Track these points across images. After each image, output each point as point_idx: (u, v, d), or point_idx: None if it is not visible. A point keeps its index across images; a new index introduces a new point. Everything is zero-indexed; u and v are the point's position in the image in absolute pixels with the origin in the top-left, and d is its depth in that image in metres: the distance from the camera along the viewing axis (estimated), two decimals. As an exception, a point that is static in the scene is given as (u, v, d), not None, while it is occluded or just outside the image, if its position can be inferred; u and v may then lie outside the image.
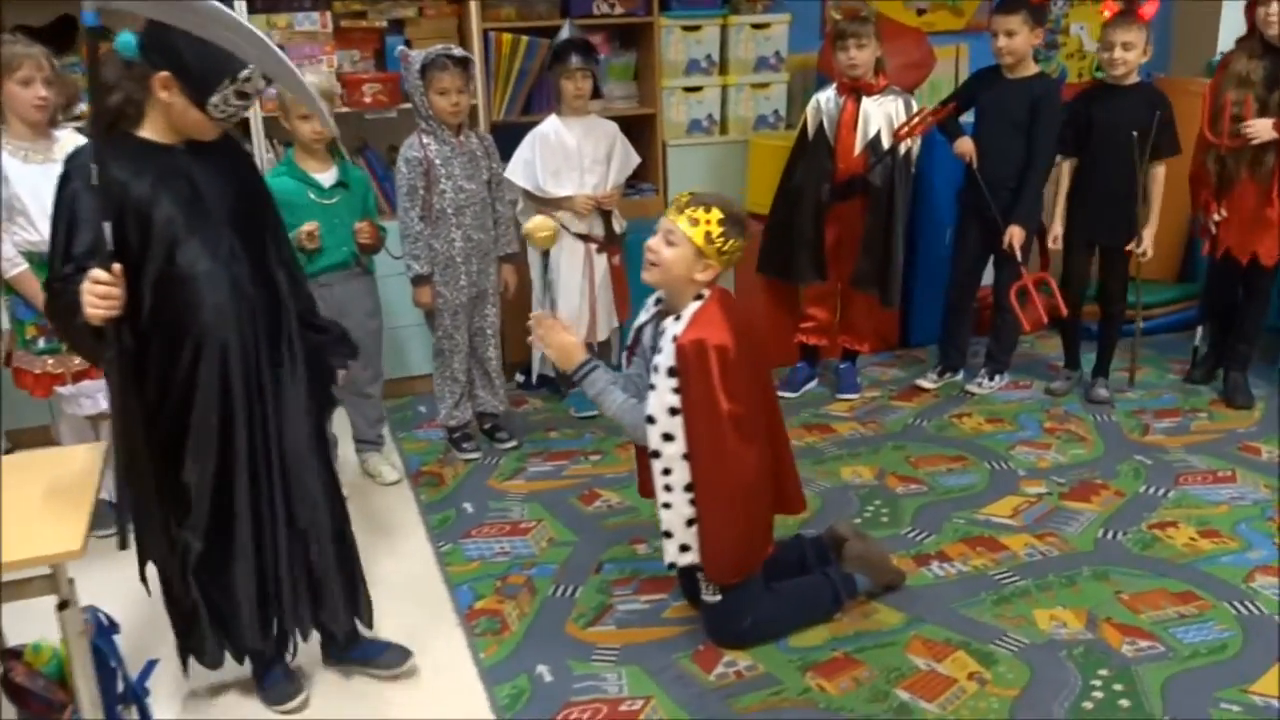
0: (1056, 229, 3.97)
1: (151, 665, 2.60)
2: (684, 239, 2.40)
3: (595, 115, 3.85)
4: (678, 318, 2.44)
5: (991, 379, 4.15)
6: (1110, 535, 3.05)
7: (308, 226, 3.14)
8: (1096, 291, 4.03)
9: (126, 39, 2.10)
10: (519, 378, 4.28)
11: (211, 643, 2.41)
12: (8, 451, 3.77)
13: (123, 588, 2.37)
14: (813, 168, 3.96)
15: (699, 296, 2.45)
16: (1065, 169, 3.95)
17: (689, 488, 2.45)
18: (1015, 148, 3.83)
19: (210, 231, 2.21)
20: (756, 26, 4.47)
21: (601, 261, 3.88)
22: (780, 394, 4.15)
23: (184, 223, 2.17)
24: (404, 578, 2.97)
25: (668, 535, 2.50)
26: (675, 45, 4.37)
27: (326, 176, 3.26)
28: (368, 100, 4.00)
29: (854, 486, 3.41)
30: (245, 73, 2.10)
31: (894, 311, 4.26)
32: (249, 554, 2.33)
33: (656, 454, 2.45)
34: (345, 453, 3.59)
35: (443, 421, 3.75)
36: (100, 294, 1.97)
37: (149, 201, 2.13)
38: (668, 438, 2.43)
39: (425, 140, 3.46)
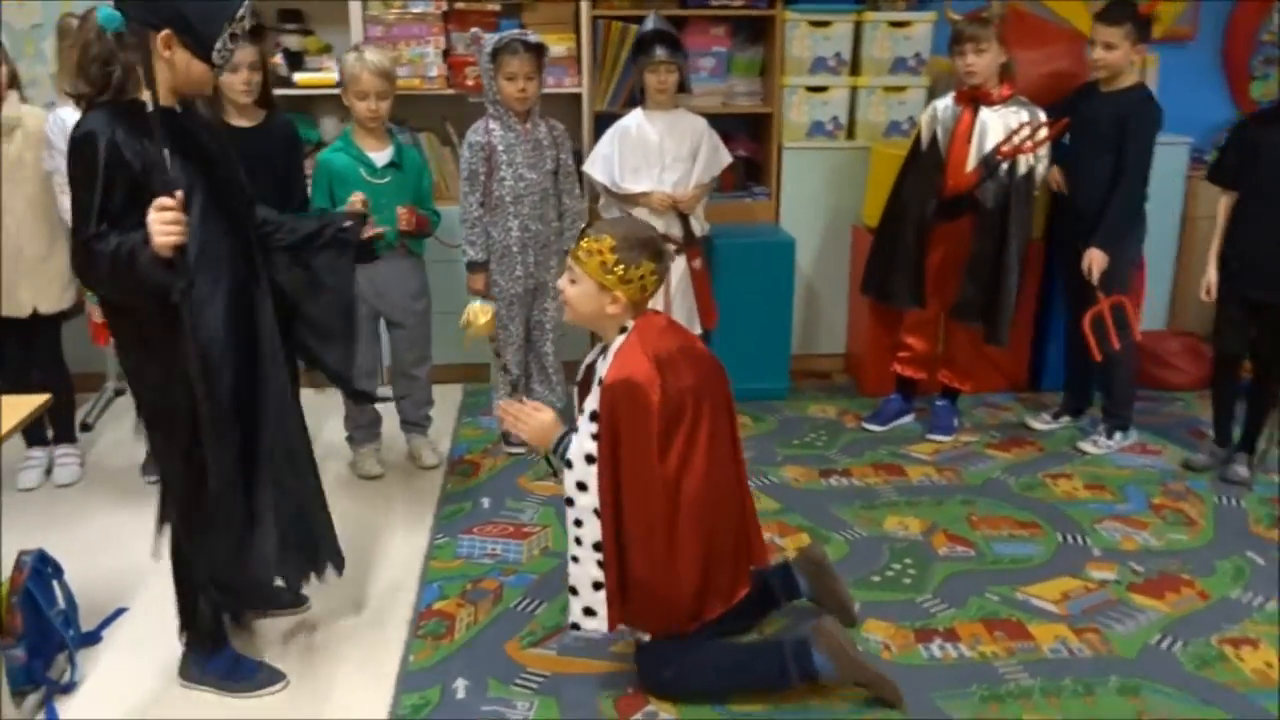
0: (1211, 275, 3.38)
1: (118, 613, 2.72)
2: (582, 275, 2.23)
3: (683, 110, 3.65)
4: (605, 356, 2.27)
5: (1110, 437, 3.62)
6: (1165, 644, 2.56)
7: (356, 196, 3.15)
8: (1250, 352, 3.41)
9: (109, 13, 2.07)
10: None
11: (208, 620, 2.39)
12: (117, 394, 4.09)
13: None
14: (920, 182, 3.60)
15: (624, 329, 2.26)
16: (1223, 205, 3.37)
17: (598, 546, 2.24)
18: (1104, 166, 3.36)
19: (211, 188, 2.19)
20: (895, 25, 4.10)
21: (680, 263, 3.68)
22: (867, 426, 3.84)
23: (188, 182, 2.18)
24: (385, 566, 2.93)
25: (573, 592, 2.30)
26: (801, 41, 4.08)
27: (380, 156, 3.27)
28: (469, 83, 4.00)
29: (892, 539, 3.06)
30: (241, 11, 2.07)
31: (1002, 348, 3.72)
32: (269, 490, 2.27)
33: (570, 501, 2.26)
34: (391, 432, 3.61)
35: (495, 412, 3.70)
36: (169, 220, 1.97)
37: (163, 163, 2.08)
38: (581, 487, 2.24)
39: (491, 125, 3.40)
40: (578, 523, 2.25)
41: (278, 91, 3.85)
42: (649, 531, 2.23)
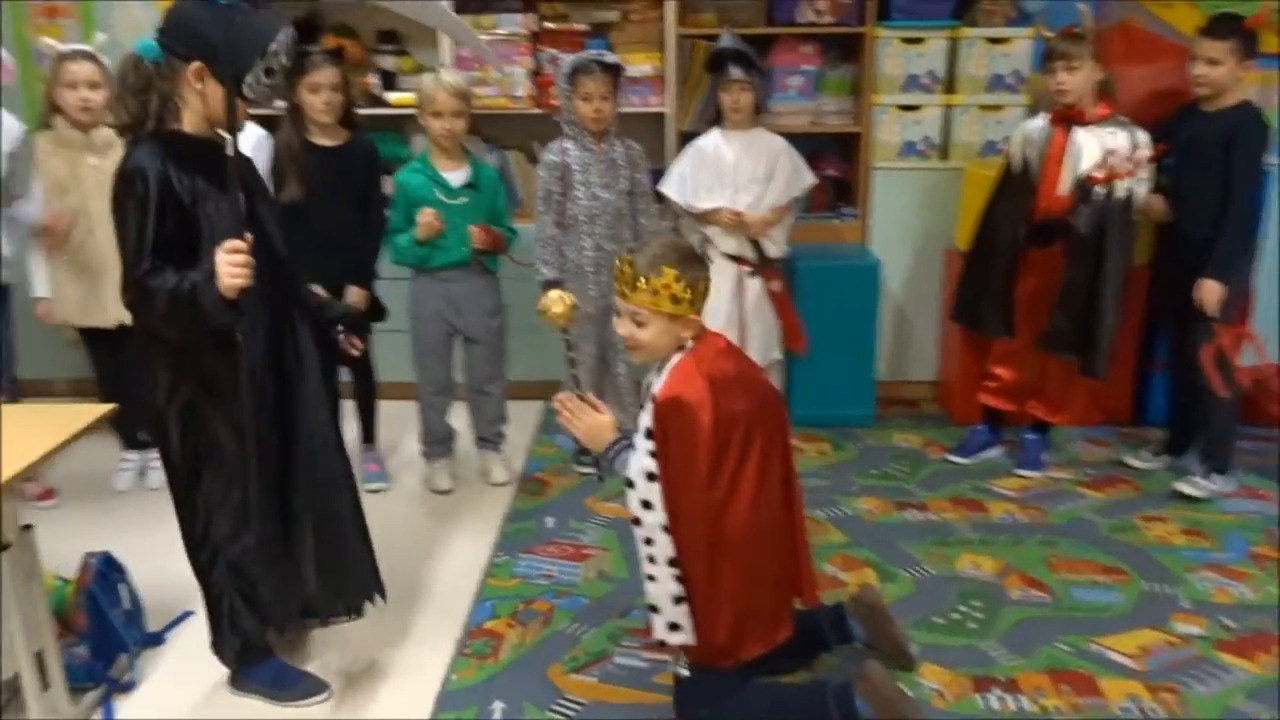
0: None
1: (184, 616, 2.81)
2: (651, 316, 2.17)
3: (762, 130, 3.59)
4: (659, 372, 2.23)
5: (1209, 478, 3.38)
6: (1250, 709, 2.36)
7: (426, 212, 3.20)
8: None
9: (147, 44, 2.14)
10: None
11: (229, 633, 2.42)
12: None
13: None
14: (1011, 205, 3.45)
15: (682, 347, 2.22)
16: None
17: (673, 562, 2.20)
18: (1211, 190, 3.15)
19: (251, 220, 2.23)
20: (993, 41, 3.95)
21: (755, 285, 3.63)
22: (951, 458, 3.70)
23: (227, 213, 2.18)
24: (440, 582, 2.95)
25: (654, 610, 2.26)
26: (892, 58, 3.97)
27: (456, 176, 3.31)
28: (555, 102, 4.00)
29: (962, 579, 2.92)
30: (273, 46, 2.08)
31: (1099, 382, 3.52)
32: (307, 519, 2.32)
33: (637, 521, 2.22)
34: (467, 448, 3.65)
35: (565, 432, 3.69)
36: (241, 262, 2.02)
37: (204, 195, 2.14)
38: (646, 505, 2.19)
39: (566, 145, 3.40)
40: (648, 541, 2.21)
41: (373, 111, 3.99)
42: (691, 556, 2.19)
